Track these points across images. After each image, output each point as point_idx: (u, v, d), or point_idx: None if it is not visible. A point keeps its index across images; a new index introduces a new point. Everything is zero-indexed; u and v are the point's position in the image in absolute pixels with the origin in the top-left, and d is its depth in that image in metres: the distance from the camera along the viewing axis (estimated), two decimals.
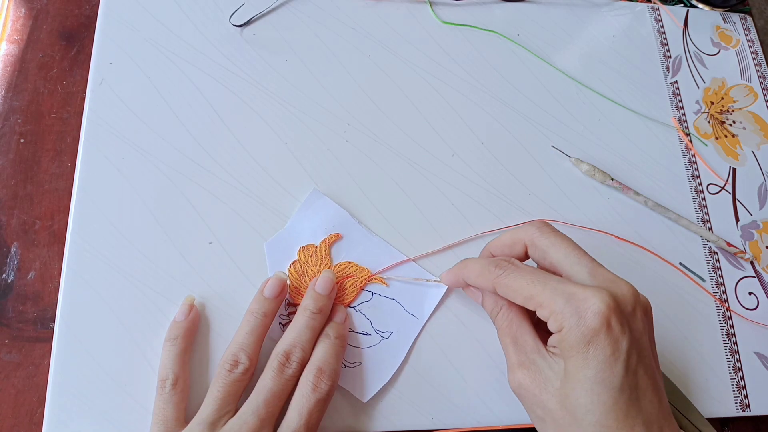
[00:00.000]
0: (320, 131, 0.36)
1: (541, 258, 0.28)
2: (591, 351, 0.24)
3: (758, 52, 0.45)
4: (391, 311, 0.32)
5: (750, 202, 0.40)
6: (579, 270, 0.26)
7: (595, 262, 0.27)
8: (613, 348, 0.24)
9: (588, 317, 0.24)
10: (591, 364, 0.24)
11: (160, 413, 0.28)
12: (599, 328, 0.24)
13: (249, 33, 0.38)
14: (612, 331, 0.24)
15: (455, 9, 0.42)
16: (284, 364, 0.28)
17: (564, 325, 0.24)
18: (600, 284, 0.25)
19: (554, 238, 0.28)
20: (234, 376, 0.28)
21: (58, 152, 0.35)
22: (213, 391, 0.28)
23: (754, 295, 0.37)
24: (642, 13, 0.45)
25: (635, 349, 0.24)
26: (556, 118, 0.39)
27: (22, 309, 0.31)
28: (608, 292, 0.24)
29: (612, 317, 0.24)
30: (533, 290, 0.26)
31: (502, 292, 0.27)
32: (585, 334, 0.24)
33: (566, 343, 0.24)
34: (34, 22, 0.37)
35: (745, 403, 0.34)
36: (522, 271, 0.26)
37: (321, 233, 0.33)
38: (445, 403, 0.31)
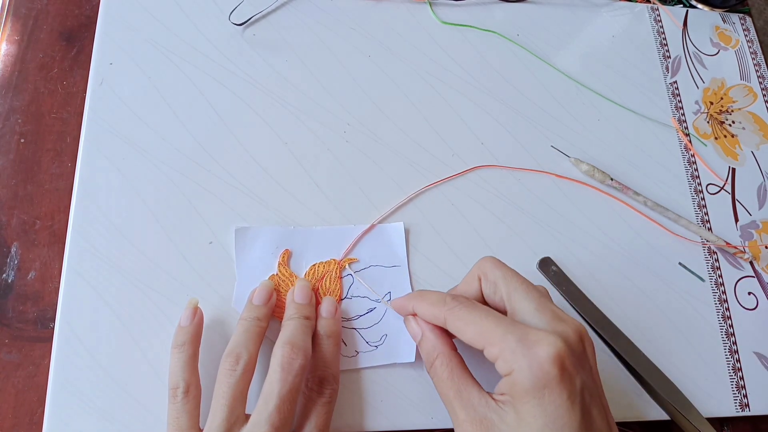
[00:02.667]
0: (320, 131, 0.36)
1: (491, 292, 0.28)
2: (546, 396, 0.23)
3: (757, 53, 0.45)
4: (376, 276, 0.33)
5: (749, 202, 0.40)
6: (527, 305, 0.26)
7: (543, 297, 0.26)
8: (569, 391, 0.23)
9: (542, 360, 0.23)
10: (548, 410, 0.23)
11: (175, 423, 0.27)
12: (553, 372, 0.23)
13: (249, 33, 0.38)
14: (566, 375, 0.24)
15: (455, 9, 0.42)
16: (290, 360, 0.27)
17: (514, 368, 0.24)
18: (548, 323, 0.25)
19: (505, 271, 0.27)
20: (237, 375, 0.27)
21: (58, 152, 0.35)
22: (219, 396, 0.27)
23: (754, 295, 0.37)
24: (641, 14, 0.45)
25: (587, 390, 0.24)
26: (556, 118, 0.40)
27: (22, 309, 0.31)
28: (559, 335, 0.24)
29: (565, 360, 0.24)
30: (486, 325, 0.25)
31: (453, 325, 0.26)
32: (539, 378, 0.23)
33: (519, 387, 0.24)
34: (34, 22, 0.37)
35: (745, 403, 0.34)
36: (477, 308, 0.26)
37: (270, 259, 0.33)
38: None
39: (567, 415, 0.23)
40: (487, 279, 0.28)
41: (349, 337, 0.32)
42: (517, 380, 0.24)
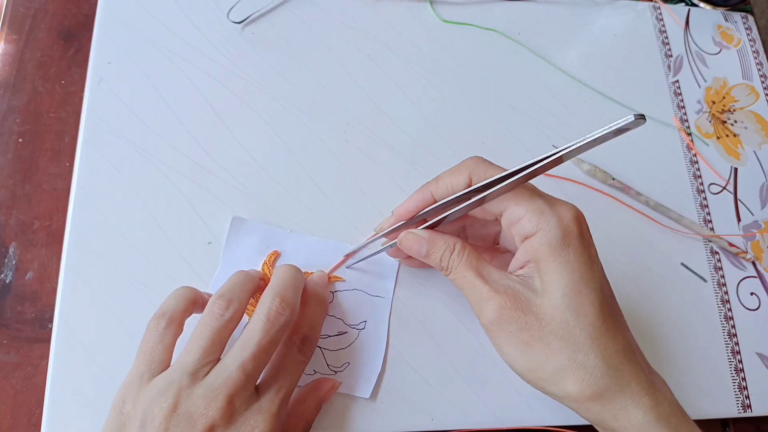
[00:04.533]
0: (320, 131, 0.36)
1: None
2: (571, 253, 0.24)
3: (760, 52, 0.45)
4: (357, 302, 0.32)
5: (752, 202, 0.39)
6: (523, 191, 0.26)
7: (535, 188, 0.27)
8: (589, 251, 0.25)
9: (566, 219, 0.24)
10: (573, 267, 0.24)
11: (148, 352, 0.25)
12: (576, 231, 0.24)
13: (248, 32, 0.38)
14: (585, 236, 0.25)
15: (456, 8, 0.41)
16: (277, 313, 0.26)
17: (541, 227, 0.24)
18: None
19: (494, 168, 0.27)
20: (223, 320, 0.25)
21: (56, 152, 0.34)
22: (197, 337, 0.25)
23: (756, 296, 0.37)
24: (643, 12, 0.45)
25: (598, 259, 0.26)
26: (557, 118, 0.39)
27: (20, 309, 0.31)
28: (574, 205, 0.25)
29: (583, 224, 0.25)
30: (507, 196, 0.26)
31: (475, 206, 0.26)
32: (564, 235, 0.24)
33: (544, 247, 0.24)
34: (33, 22, 0.37)
35: (747, 404, 0.34)
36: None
37: (258, 257, 0.32)
38: (445, 403, 0.31)
39: (589, 272, 0.24)
40: (478, 175, 0.27)
41: (313, 356, 0.30)
42: (543, 239, 0.24)
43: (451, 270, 0.27)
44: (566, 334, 0.24)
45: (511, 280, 0.25)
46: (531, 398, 0.32)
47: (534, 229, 0.24)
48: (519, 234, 0.25)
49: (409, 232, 0.28)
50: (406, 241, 0.28)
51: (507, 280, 0.25)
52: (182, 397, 0.23)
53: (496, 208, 0.26)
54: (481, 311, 0.25)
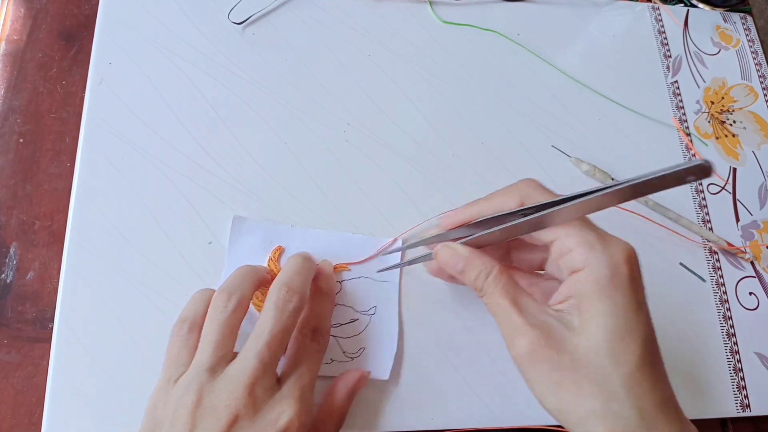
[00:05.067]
0: (320, 131, 0.36)
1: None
2: (617, 297, 0.23)
3: (758, 52, 0.45)
4: (364, 289, 0.32)
5: (750, 202, 0.40)
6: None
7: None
8: (637, 296, 0.23)
9: (617, 258, 0.23)
10: (619, 311, 0.22)
11: (175, 357, 0.26)
12: (626, 273, 0.23)
13: (249, 33, 0.38)
14: (634, 279, 0.23)
15: (455, 8, 0.42)
16: (285, 300, 0.26)
17: (590, 263, 0.23)
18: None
19: (548, 194, 0.26)
20: (227, 311, 0.26)
21: (57, 152, 0.35)
22: (208, 333, 0.26)
23: (755, 295, 0.37)
24: (642, 13, 0.45)
25: (646, 303, 0.24)
26: (556, 118, 0.39)
27: (21, 309, 0.31)
28: (628, 243, 0.24)
29: (635, 266, 0.23)
30: (558, 228, 0.24)
31: (522, 229, 0.25)
32: (614, 275, 0.23)
33: (590, 285, 0.23)
34: (34, 22, 0.37)
35: (746, 404, 0.34)
36: None
37: (262, 254, 0.32)
38: (445, 403, 0.31)
39: (635, 319, 0.23)
40: (532, 200, 0.26)
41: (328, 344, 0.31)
42: (591, 276, 0.23)
43: (486, 294, 0.26)
44: (602, 379, 0.22)
45: (548, 314, 0.24)
46: (531, 398, 0.32)
47: (582, 264, 0.23)
48: (567, 267, 0.24)
49: (446, 245, 0.27)
50: (442, 254, 0.27)
51: (543, 314, 0.24)
52: (204, 392, 0.24)
53: (546, 236, 0.25)
54: (512, 343, 0.24)
